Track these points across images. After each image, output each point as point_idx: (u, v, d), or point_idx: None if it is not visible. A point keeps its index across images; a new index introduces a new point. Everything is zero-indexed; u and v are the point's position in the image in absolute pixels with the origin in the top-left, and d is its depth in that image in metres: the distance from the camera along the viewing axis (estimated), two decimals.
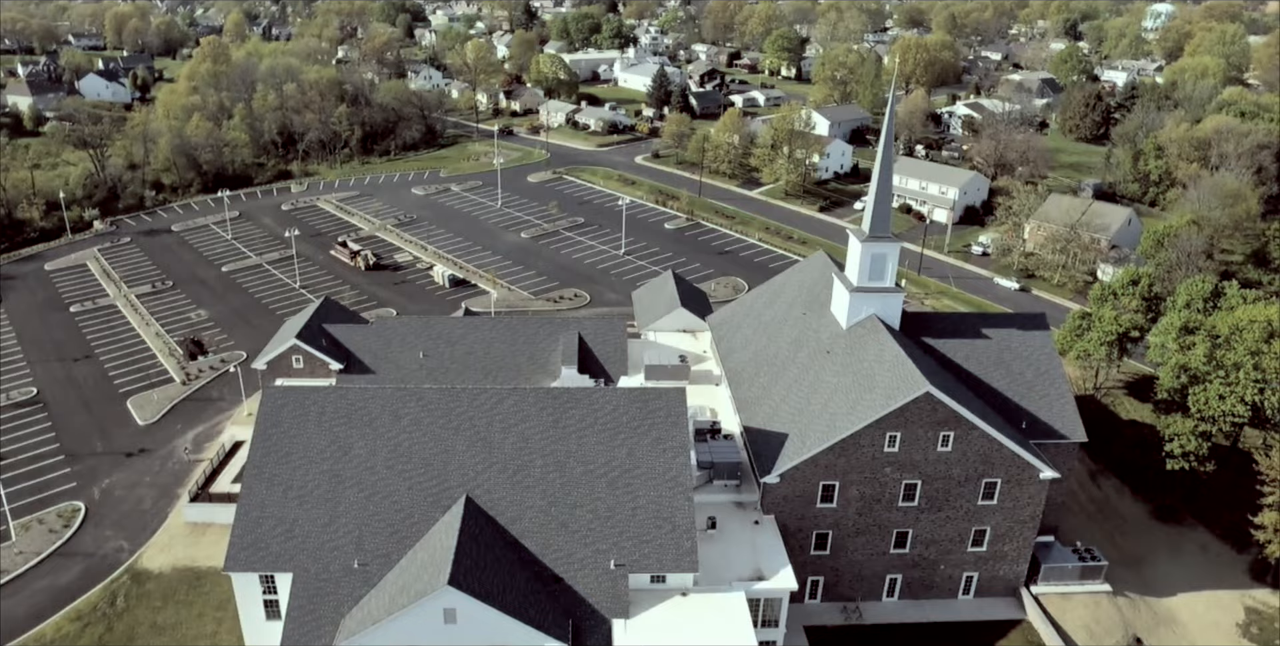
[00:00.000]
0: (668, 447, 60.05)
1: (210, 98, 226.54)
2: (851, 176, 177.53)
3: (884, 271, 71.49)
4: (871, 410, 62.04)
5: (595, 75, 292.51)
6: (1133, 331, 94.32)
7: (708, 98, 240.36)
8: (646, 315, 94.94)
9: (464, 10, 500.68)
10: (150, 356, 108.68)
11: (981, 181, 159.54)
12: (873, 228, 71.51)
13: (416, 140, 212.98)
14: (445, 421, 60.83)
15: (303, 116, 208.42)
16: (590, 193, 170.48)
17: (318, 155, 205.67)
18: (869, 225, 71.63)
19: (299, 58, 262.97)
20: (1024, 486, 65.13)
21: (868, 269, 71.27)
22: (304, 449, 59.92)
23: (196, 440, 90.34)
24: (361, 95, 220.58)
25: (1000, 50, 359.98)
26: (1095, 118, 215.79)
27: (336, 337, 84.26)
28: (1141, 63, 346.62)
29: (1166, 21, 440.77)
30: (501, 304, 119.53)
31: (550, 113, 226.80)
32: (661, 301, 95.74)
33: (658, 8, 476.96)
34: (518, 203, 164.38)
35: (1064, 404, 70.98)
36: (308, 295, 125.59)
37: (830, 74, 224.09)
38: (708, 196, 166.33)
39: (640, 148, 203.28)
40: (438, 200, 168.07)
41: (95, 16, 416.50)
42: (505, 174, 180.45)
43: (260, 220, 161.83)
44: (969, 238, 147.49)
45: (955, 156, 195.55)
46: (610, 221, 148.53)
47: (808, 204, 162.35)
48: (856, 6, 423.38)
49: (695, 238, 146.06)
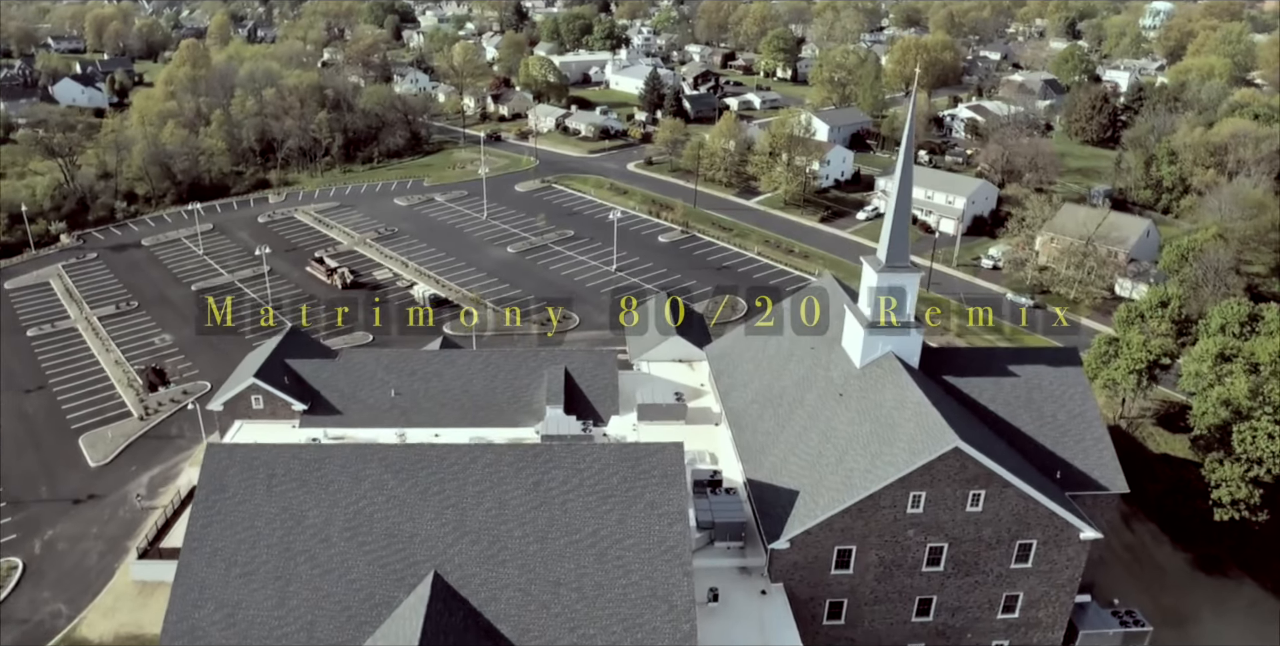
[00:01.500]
0: (664, 513, 52.93)
1: (187, 103, 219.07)
2: (853, 184, 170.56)
3: (903, 305, 64.50)
4: (893, 467, 55.06)
5: (586, 78, 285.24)
6: (1163, 358, 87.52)
7: (702, 101, 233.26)
8: (640, 343, 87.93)
9: (454, 11, 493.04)
10: (108, 387, 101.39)
11: (990, 189, 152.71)
12: (890, 256, 64.61)
13: (400, 147, 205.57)
14: (411, 485, 53.69)
15: (282, 123, 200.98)
16: (580, 203, 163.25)
17: (298, 163, 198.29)
18: (885, 253, 64.76)
19: (281, 61, 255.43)
20: (1062, 547, 58.22)
21: (884, 302, 64.26)
22: (251, 517, 52.72)
23: (151, 484, 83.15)
24: (344, 100, 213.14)
25: (999, 50, 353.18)
26: (1102, 120, 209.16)
27: (301, 374, 77.08)
28: (1142, 62, 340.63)
29: (1165, 19, 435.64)
30: (485, 326, 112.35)
31: (539, 117, 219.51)
32: (656, 327, 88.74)
33: (650, 7, 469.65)
34: (504, 214, 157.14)
35: (1101, 449, 64.08)
36: (281, 317, 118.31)
37: (829, 76, 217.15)
38: (703, 206, 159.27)
39: (633, 154, 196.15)
40: (421, 211, 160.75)
41: (76, 18, 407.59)
42: (492, 183, 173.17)
43: (235, 233, 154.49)
44: (979, 250, 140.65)
45: (959, 161, 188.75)
46: (601, 234, 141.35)
47: (808, 214, 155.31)
48: (853, 6, 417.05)
49: (691, 251, 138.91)
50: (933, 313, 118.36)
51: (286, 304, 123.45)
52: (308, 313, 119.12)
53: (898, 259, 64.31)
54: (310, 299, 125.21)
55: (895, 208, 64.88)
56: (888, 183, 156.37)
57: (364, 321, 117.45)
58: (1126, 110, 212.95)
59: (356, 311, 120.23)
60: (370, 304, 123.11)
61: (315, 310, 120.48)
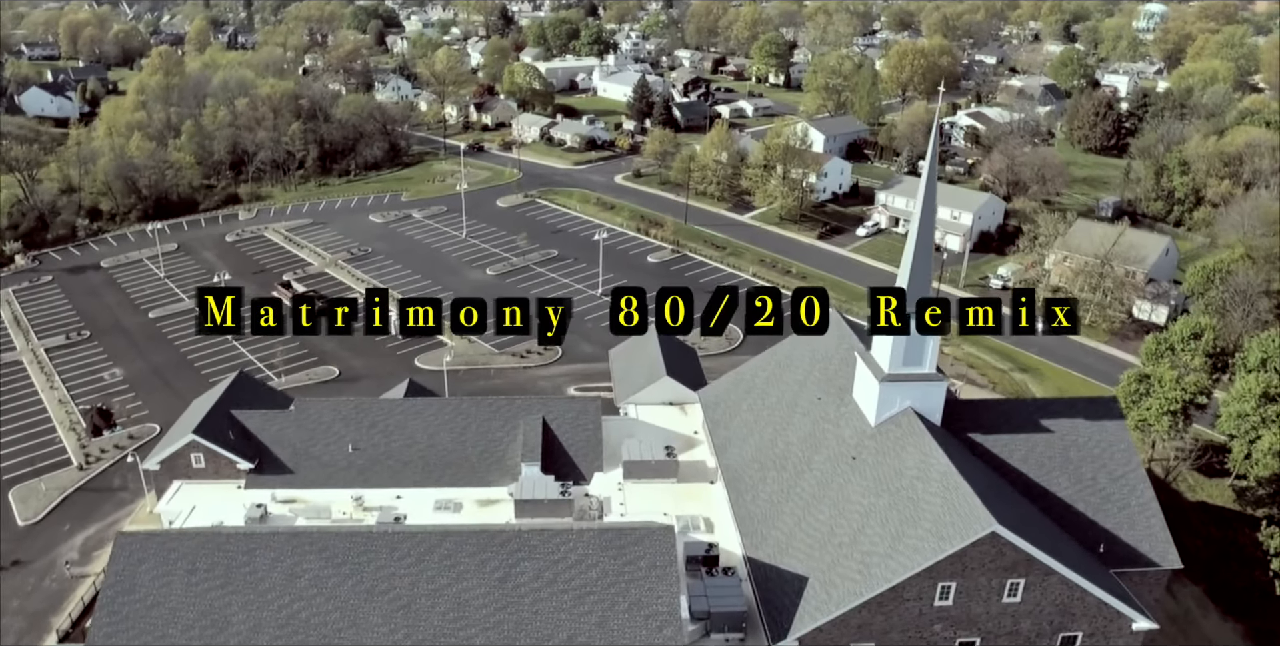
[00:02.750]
0: (651, 614, 45.18)
1: (158, 113, 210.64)
2: (851, 197, 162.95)
3: (922, 354, 56.82)
4: (919, 554, 47.30)
5: (573, 84, 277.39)
6: (1199, 396, 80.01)
7: (693, 108, 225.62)
8: (626, 383, 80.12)
9: (440, 15, 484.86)
10: (49, 430, 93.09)
11: (996, 204, 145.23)
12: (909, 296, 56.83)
13: (379, 159, 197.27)
14: (356, 582, 45.76)
15: (255, 134, 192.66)
16: (565, 219, 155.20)
17: (271, 177, 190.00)
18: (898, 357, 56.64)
19: (258, 69, 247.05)
20: (1112, 640, 50.57)
21: (901, 350, 56.54)
22: (165, 623, 44.75)
23: (85, 548, 74.96)
24: (320, 110, 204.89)
25: (994, 54, 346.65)
26: (1106, 127, 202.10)
27: (248, 427, 68.94)
28: (1140, 65, 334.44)
29: (1160, 22, 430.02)
30: (459, 360, 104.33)
31: (523, 127, 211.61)
32: (643, 366, 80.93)
33: (639, 11, 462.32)
34: (485, 232, 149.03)
35: (1149, 518, 56.45)
36: (240, 349, 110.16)
37: (824, 82, 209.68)
38: (695, 222, 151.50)
39: (620, 165, 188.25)
40: (397, 229, 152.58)
41: (50, 24, 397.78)
42: (473, 197, 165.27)
43: (200, 254, 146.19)
44: (986, 268, 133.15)
45: (961, 172, 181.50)
46: (587, 253, 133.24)
47: (805, 230, 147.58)
48: (845, 8, 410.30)
49: (682, 272, 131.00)
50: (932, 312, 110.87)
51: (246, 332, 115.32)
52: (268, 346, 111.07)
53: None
54: None
55: (916, 242, 56.74)
56: (888, 196, 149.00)
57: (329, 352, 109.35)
58: (1131, 116, 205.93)
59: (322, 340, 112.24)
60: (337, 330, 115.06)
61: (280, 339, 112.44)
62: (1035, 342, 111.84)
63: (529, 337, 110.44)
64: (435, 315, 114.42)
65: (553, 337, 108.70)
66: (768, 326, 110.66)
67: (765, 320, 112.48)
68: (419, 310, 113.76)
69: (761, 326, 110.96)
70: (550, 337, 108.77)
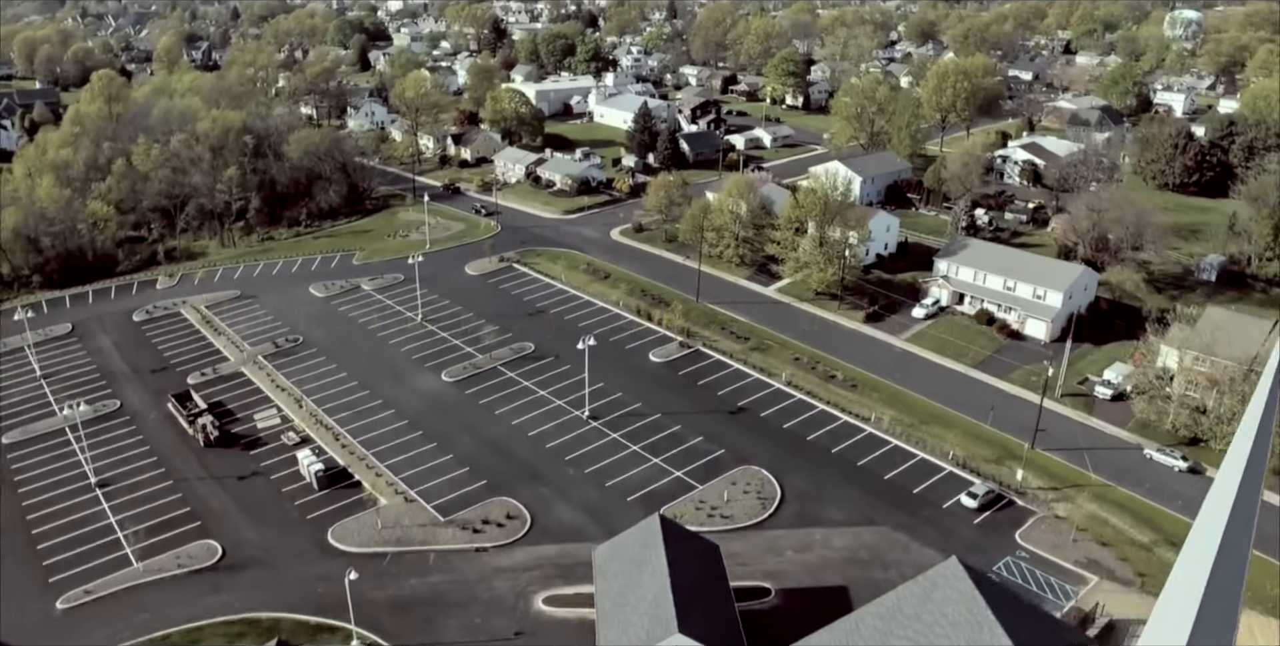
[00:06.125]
0: None
1: (85, 150, 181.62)
2: (899, 258, 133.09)
3: None
4: None
5: (567, 109, 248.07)
6: None
7: (703, 140, 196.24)
8: (615, 629, 50.97)
9: (431, 27, 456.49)
10: None
11: (1089, 277, 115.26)
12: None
13: (336, 204, 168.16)
14: None
15: (189, 178, 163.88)
16: (548, 294, 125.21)
17: (209, 228, 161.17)
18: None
19: (212, 95, 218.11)
20: None
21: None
22: None
23: None
24: (269, 147, 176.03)
25: (1028, 68, 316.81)
26: (1186, 161, 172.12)
27: None
28: (1187, 79, 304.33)
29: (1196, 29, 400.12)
30: (389, 534, 74.94)
31: (507, 164, 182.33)
32: (642, 601, 51.96)
33: (641, 22, 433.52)
34: (446, 313, 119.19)
35: None
36: (102, 503, 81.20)
37: (856, 111, 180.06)
38: (709, 296, 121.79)
39: (618, 214, 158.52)
40: (339, 308, 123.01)
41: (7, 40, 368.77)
42: (439, 259, 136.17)
43: (97, 339, 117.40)
44: (1085, 367, 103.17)
45: (1023, 220, 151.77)
46: (571, 347, 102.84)
47: (847, 309, 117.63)
48: (862, 18, 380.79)
49: (694, 379, 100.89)
50: (1023, 485, 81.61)
51: (118, 473, 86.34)
52: (139, 498, 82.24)
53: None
54: (153, 463, 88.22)
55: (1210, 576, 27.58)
56: (949, 265, 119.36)
57: (217, 513, 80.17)
58: (1214, 148, 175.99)
59: (212, 492, 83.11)
60: (235, 473, 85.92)
61: (153, 486, 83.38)
62: (1175, 488, 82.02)
63: (489, 489, 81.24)
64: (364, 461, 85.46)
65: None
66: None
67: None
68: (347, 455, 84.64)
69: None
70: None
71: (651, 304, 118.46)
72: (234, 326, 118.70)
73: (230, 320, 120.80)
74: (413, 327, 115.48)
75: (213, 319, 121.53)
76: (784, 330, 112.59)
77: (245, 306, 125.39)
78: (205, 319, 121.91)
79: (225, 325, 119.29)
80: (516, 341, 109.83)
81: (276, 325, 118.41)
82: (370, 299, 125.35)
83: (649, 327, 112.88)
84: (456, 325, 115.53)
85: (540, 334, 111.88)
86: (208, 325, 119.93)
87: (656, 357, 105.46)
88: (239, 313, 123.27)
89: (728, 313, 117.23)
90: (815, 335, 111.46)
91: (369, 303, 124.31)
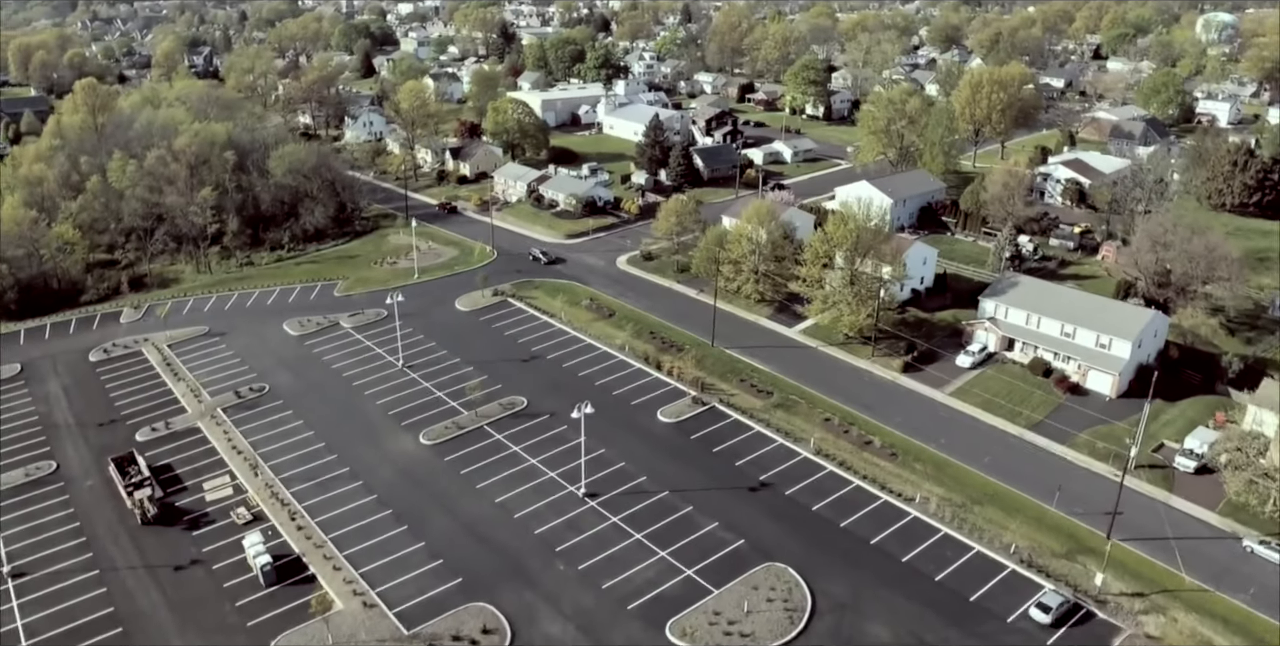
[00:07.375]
0: None
1: (60, 166, 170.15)
2: (937, 292, 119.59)
3: None
4: None
5: (575, 119, 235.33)
6: None
7: (718, 155, 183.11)
8: None
9: (439, 31, 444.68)
10: None
11: (1160, 322, 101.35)
12: None
13: (323, 225, 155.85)
14: None
15: (163, 197, 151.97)
16: (546, 335, 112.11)
17: (185, 252, 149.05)
18: None
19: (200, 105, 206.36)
20: None
21: None
22: None
23: None
24: (252, 164, 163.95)
25: (1060, 75, 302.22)
26: (1247, 180, 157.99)
27: None
28: (1231, 86, 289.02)
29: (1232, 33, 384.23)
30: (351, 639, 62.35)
31: (507, 181, 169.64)
32: None
33: (655, 26, 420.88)
34: (430, 359, 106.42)
35: None
36: (11, 600, 68.67)
37: (883, 124, 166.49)
38: (726, 339, 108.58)
39: (626, 239, 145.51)
40: (313, 349, 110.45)
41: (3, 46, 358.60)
42: (427, 290, 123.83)
43: (46, 384, 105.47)
44: (1161, 432, 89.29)
45: (1071, 248, 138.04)
46: (566, 403, 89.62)
47: (881, 356, 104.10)
48: (883, 23, 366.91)
49: (709, 445, 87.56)
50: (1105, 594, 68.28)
51: (38, 558, 73.96)
52: (60, 589, 69.85)
53: None
54: (79, 543, 75.93)
55: None
56: (996, 306, 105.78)
57: (145, 611, 67.62)
58: (1276, 164, 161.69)
59: (141, 587, 70.57)
60: (172, 561, 73.40)
61: (77, 576, 70.94)
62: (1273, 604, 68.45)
63: (463, 592, 68.33)
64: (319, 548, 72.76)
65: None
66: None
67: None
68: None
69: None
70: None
71: (661, 348, 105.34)
72: (196, 371, 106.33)
73: (193, 363, 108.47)
74: (394, 375, 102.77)
75: (174, 361, 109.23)
76: (811, 382, 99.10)
77: (212, 346, 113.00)
78: (166, 361, 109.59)
79: (187, 369, 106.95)
80: (507, 395, 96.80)
81: (242, 370, 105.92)
82: (349, 339, 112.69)
83: (657, 379, 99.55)
84: (441, 372, 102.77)
85: (535, 382, 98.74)
86: (168, 368, 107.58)
87: (666, 417, 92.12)
88: (204, 353, 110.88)
89: (747, 359, 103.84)
90: (847, 389, 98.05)
91: (347, 343, 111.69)
